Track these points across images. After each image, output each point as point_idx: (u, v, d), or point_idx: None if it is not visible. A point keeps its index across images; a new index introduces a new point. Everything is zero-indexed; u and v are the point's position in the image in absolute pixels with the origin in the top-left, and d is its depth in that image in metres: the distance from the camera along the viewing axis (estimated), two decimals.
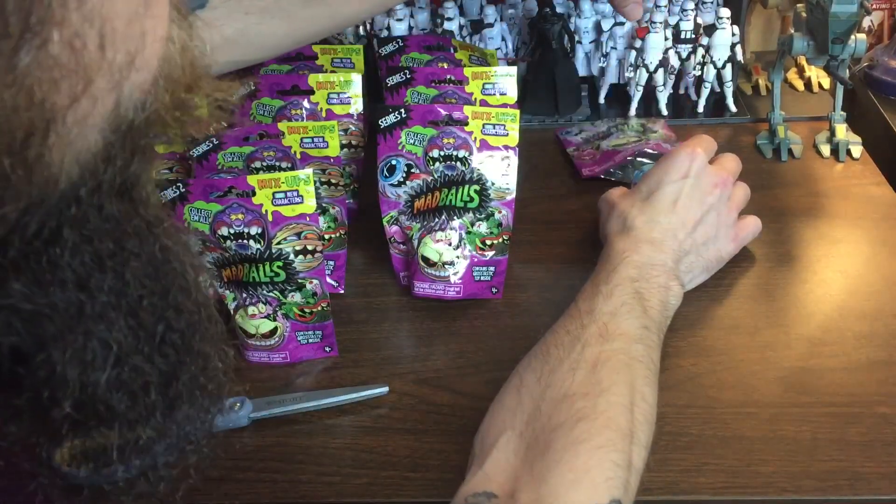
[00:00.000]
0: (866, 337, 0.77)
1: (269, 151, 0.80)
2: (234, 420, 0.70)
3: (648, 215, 0.77)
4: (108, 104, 0.31)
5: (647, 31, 1.08)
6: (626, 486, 0.56)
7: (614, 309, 0.68)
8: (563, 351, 0.64)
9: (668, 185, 0.78)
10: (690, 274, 0.79)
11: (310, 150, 0.81)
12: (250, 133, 0.81)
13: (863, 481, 0.64)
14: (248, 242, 0.73)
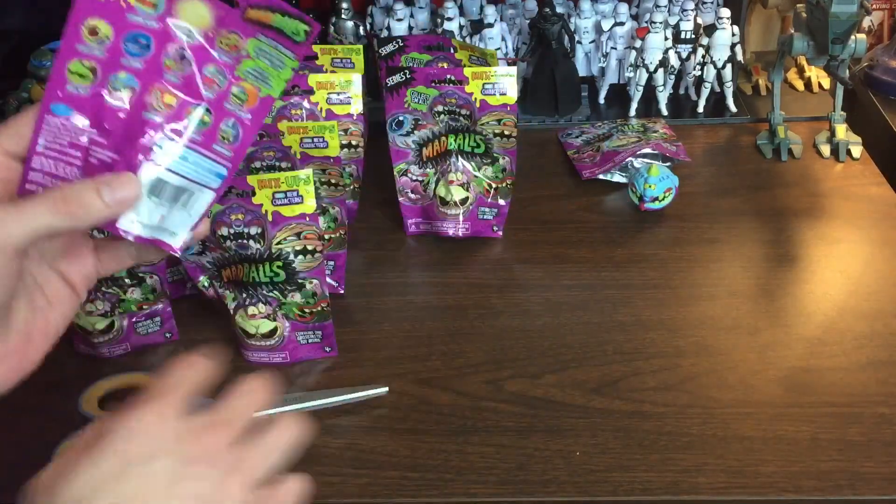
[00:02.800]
0: (866, 337, 0.77)
1: (269, 151, 0.80)
2: None
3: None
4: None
5: (647, 31, 1.08)
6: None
7: None
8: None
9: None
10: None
11: (310, 150, 0.81)
12: None
13: (863, 481, 0.64)
14: (248, 242, 0.73)
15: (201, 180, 0.49)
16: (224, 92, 0.49)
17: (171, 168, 0.49)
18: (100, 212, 0.45)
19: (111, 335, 0.78)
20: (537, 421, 0.71)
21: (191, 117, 0.49)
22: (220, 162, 0.50)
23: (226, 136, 0.49)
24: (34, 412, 0.74)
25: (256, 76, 0.50)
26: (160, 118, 0.48)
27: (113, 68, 0.48)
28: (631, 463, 0.67)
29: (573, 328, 0.80)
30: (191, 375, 0.46)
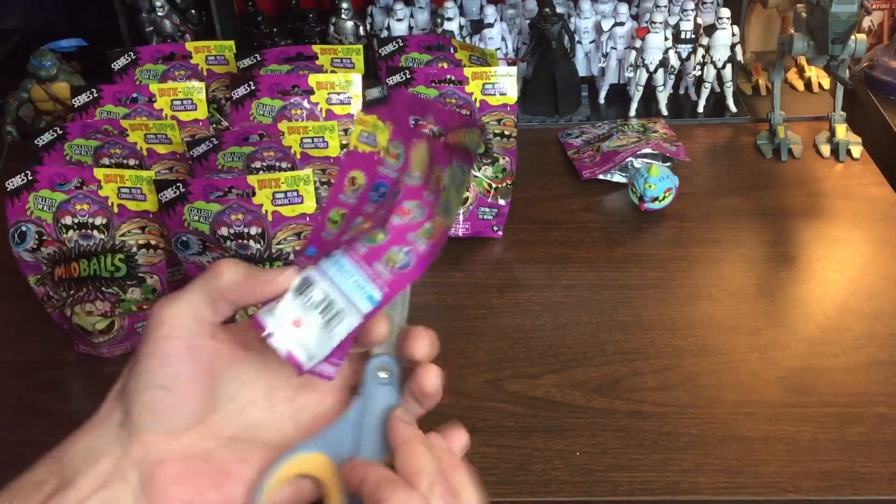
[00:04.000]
0: (866, 337, 0.77)
1: (269, 151, 0.79)
2: None
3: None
4: None
5: (647, 31, 1.08)
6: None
7: None
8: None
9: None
10: None
11: (310, 150, 0.81)
12: (250, 133, 0.81)
13: (863, 481, 0.64)
14: (248, 242, 0.73)
15: (350, 296, 0.44)
16: (413, 224, 0.45)
17: (323, 267, 0.44)
18: (235, 280, 0.44)
19: (111, 335, 0.78)
20: (537, 421, 0.71)
21: (369, 236, 0.45)
22: (376, 283, 0.44)
23: (393, 259, 0.45)
24: (34, 412, 0.74)
25: (445, 209, 0.46)
26: (347, 237, 0.46)
27: (356, 214, 0.47)
28: (631, 463, 0.67)
29: (573, 328, 0.80)
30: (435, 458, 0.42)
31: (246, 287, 0.44)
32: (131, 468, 0.42)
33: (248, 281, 0.44)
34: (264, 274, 0.44)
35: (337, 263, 0.44)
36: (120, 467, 0.42)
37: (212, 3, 1.13)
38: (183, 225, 0.73)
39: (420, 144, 0.47)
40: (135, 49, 0.94)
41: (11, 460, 0.70)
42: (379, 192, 0.47)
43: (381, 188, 0.47)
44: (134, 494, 0.42)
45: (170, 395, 0.43)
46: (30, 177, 0.74)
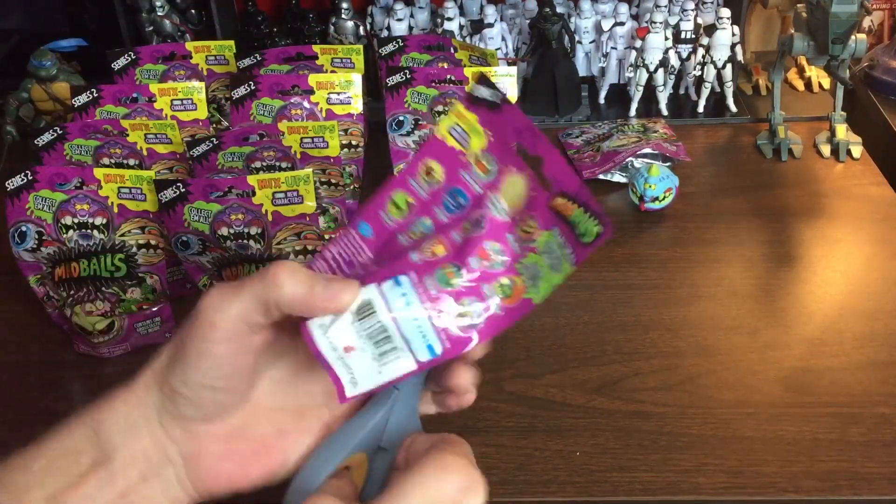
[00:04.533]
0: (866, 337, 0.77)
1: (269, 151, 0.79)
2: None
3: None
4: None
5: (647, 31, 1.08)
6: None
7: None
8: None
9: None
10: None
11: (310, 150, 0.81)
12: (250, 133, 0.81)
13: (863, 482, 0.64)
14: (248, 242, 0.73)
15: (410, 339, 0.42)
16: (491, 274, 0.43)
17: (388, 294, 0.42)
18: (294, 294, 0.41)
19: (111, 335, 0.78)
20: (537, 421, 0.71)
21: (442, 272, 0.42)
22: (440, 336, 0.42)
23: (465, 313, 0.43)
24: (34, 412, 0.74)
25: (531, 274, 0.45)
26: (417, 258, 0.43)
27: (425, 212, 0.45)
28: (631, 463, 0.67)
29: (573, 328, 0.80)
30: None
31: (305, 302, 0.41)
32: (172, 446, 0.43)
33: (308, 296, 0.41)
34: (325, 290, 0.41)
35: (404, 296, 0.41)
36: (162, 445, 0.42)
37: (212, 3, 1.13)
38: (183, 225, 0.73)
39: (520, 177, 0.44)
40: (135, 49, 0.94)
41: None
42: (456, 201, 0.45)
43: (461, 198, 0.45)
44: (177, 473, 0.43)
45: (217, 393, 0.43)
46: (30, 177, 0.74)
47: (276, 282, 0.41)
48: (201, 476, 0.43)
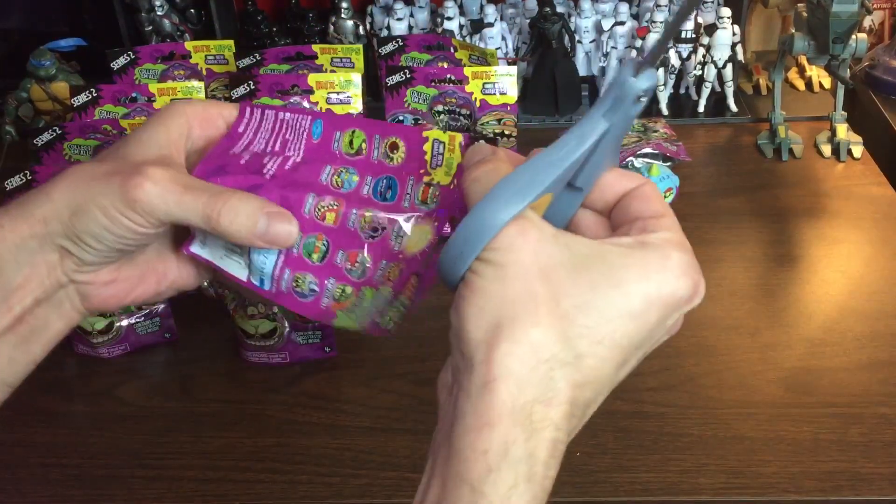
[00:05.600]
0: (867, 337, 0.77)
1: None
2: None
3: (598, 319, 0.36)
4: None
5: (647, 30, 1.08)
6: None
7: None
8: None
9: (662, 296, 0.38)
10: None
11: None
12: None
13: (864, 482, 0.64)
14: None
15: (253, 265, 0.45)
16: (344, 276, 0.46)
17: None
18: (244, 239, 0.43)
19: (110, 335, 0.77)
20: None
21: (312, 242, 0.45)
22: (272, 281, 0.46)
23: (300, 284, 0.46)
24: (34, 412, 0.74)
25: (357, 303, 0.46)
26: (311, 207, 0.45)
27: (362, 169, 0.46)
28: (631, 463, 0.66)
29: None
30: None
31: (246, 241, 0.44)
32: (65, 275, 0.44)
33: (250, 239, 0.43)
34: (265, 237, 0.43)
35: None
36: (55, 273, 0.44)
37: (211, 3, 1.13)
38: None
39: (432, 237, 0.46)
40: (134, 49, 0.94)
41: (12, 460, 0.70)
42: (386, 191, 0.46)
43: (391, 192, 0.46)
44: (69, 295, 0.45)
45: (124, 251, 0.44)
46: (29, 176, 0.74)
47: (226, 221, 0.42)
48: (91, 298, 0.45)
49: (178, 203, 0.42)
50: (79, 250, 0.43)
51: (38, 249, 0.43)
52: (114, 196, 0.42)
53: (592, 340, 0.35)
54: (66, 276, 0.44)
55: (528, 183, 0.36)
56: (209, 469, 0.68)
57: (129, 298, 0.47)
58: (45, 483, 0.68)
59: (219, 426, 0.72)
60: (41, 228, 0.43)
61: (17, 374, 0.46)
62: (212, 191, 0.43)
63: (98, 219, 0.42)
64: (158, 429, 0.72)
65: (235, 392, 0.75)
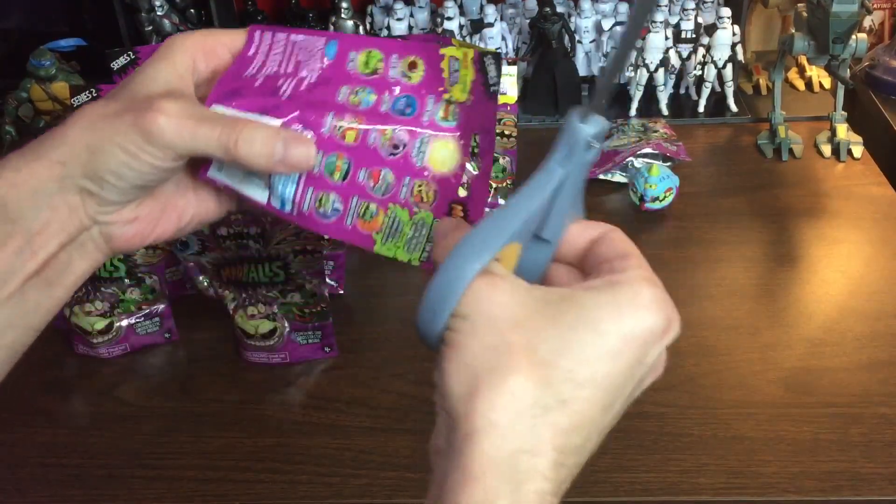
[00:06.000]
0: (867, 337, 0.77)
1: None
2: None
3: (572, 361, 0.35)
4: None
5: (647, 30, 1.08)
6: None
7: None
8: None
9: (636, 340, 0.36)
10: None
11: None
12: None
13: (864, 482, 0.64)
14: (248, 242, 0.72)
15: (274, 188, 0.46)
16: (368, 194, 0.46)
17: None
18: (262, 166, 0.43)
19: (110, 335, 0.77)
20: None
21: (334, 160, 0.45)
22: (294, 203, 0.46)
23: (323, 203, 0.46)
24: (34, 412, 0.74)
25: (393, 224, 0.46)
26: (330, 126, 0.45)
27: (379, 87, 0.46)
28: (631, 463, 0.66)
29: None
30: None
31: (265, 168, 0.44)
32: (87, 216, 0.44)
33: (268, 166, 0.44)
34: (284, 164, 0.44)
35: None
36: (77, 214, 0.44)
37: (211, 3, 1.13)
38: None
39: (458, 153, 0.45)
40: (134, 48, 0.93)
41: (12, 460, 0.70)
42: (406, 107, 0.46)
43: (410, 109, 0.46)
44: (92, 237, 0.45)
45: (145, 187, 0.44)
46: None
47: (243, 149, 0.43)
48: (115, 238, 0.45)
49: (194, 136, 0.42)
50: (99, 190, 0.43)
51: (58, 192, 0.43)
52: (130, 132, 0.42)
53: (574, 384, 0.35)
54: (88, 218, 0.44)
55: (490, 235, 0.37)
56: (209, 469, 0.68)
57: (153, 236, 0.47)
58: (45, 483, 0.68)
59: (219, 426, 0.72)
60: (59, 170, 0.43)
61: (42, 318, 0.45)
62: (226, 121, 0.43)
63: (117, 156, 0.42)
64: (158, 429, 0.72)
65: (235, 392, 0.75)
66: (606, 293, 0.36)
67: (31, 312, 0.45)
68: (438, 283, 0.35)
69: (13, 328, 0.44)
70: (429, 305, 0.35)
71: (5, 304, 0.43)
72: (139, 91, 0.44)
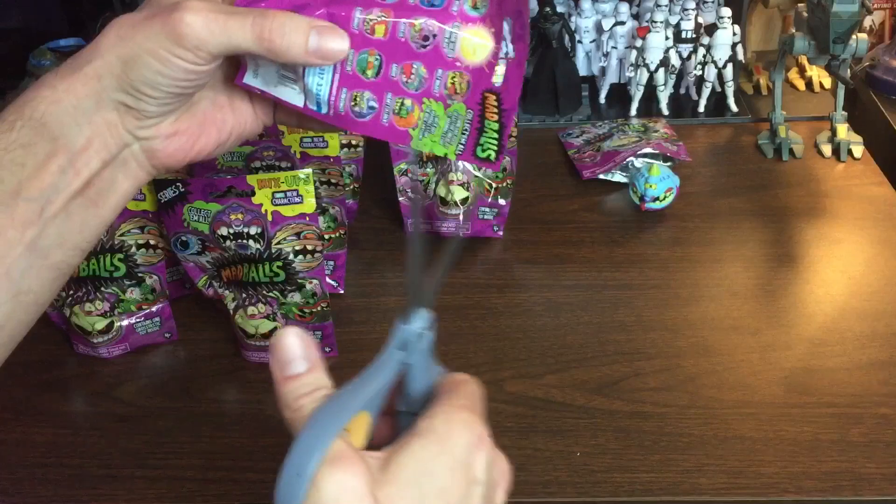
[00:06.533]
0: (867, 337, 0.77)
1: (269, 151, 0.79)
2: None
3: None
4: None
5: (647, 30, 1.08)
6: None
7: None
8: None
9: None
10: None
11: (310, 150, 0.81)
12: None
13: (864, 482, 0.64)
14: (248, 242, 0.72)
15: (309, 90, 0.46)
16: (401, 89, 0.46)
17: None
18: (297, 56, 0.43)
19: (110, 335, 0.77)
20: (538, 421, 0.70)
21: (365, 57, 0.45)
22: (329, 103, 0.46)
23: (358, 102, 0.46)
24: (34, 412, 0.74)
25: (429, 118, 0.46)
26: (359, 21, 0.45)
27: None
28: (632, 464, 0.66)
29: (574, 328, 0.80)
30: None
31: (300, 59, 0.44)
32: (127, 132, 0.44)
33: (302, 56, 0.44)
34: (318, 55, 0.44)
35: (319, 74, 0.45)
36: (117, 130, 0.44)
37: None
38: (182, 225, 0.73)
39: (489, 42, 0.45)
40: None
41: (12, 460, 0.70)
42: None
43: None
44: (134, 154, 0.45)
45: (180, 96, 0.45)
46: None
47: (281, 43, 0.42)
48: (157, 154, 0.45)
49: (225, 30, 0.42)
50: (136, 102, 0.43)
51: (96, 108, 0.43)
52: (160, 37, 0.41)
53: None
54: (129, 134, 0.44)
55: (339, 410, 0.38)
56: (209, 469, 0.68)
57: (194, 151, 0.47)
58: (45, 483, 0.68)
59: (219, 426, 0.72)
60: (95, 85, 0.43)
61: (89, 239, 0.46)
62: (256, 12, 0.42)
63: (150, 64, 0.42)
64: (158, 429, 0.72)
65: (235, 392, 0.75)
66: (426, 434, 0.38)
67: (77, 232, 0.44)
68: (289, 471, 0.36)
69: (60, 248, 0.44)
70: (282, 495, 0.36)
71: (51, 222, 0.43)
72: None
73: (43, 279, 0.44)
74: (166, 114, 0.45)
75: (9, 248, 0.42)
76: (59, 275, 0.45)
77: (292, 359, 0.39)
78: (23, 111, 0.43)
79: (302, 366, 0.39)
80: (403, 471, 0.37)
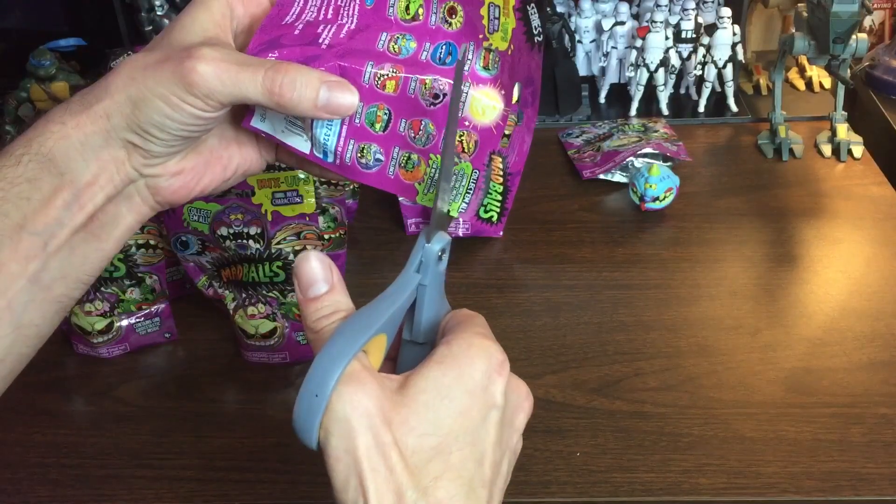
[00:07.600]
0: (867, 337, 0.77)
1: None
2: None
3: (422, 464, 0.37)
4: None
5: (647, 30, 1.08)
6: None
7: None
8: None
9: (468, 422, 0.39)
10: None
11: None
12: None
13: (864, 482, 0.64)
14: (248, 242, 0.72)
15: (317, 140, 0.46)
16: (409, 144, 0.46)
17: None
18: (307, 111, 0.43)
19: (110, 335, 0.77)
20: (538, 421, 0.70)
21: (374, 111, 0.45)
22: (336, 153, 0.46)
23: (365, 154, 0.46)
24: (34, 412, 0.74)
25: (434, 175, 0.46)
26: (370, 75, 0.45)
27: (420, 34, 0.46)
28: (632, 464, 0.66)
29: (574, 328, 0.80)
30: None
31: (309, 113, 0.45)
32: (133, 169, 0.44)
33: (313, 111, 0.44)
34: (327, 108, 0.44)
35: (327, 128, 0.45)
36: (123, 167, 0.44)
37: None
38: (182, 225, 0.73)
39: (499, 105, 0.45)
40: (134, 48, 0.94)
41: (12, 460, 0.70)
42: (445, 55, 0.45)
43: (450, 57, 0.46)
44: (138, 189, 0.45)
45: (188, 138, 0.45)
46: None
47: (292, 96, 0.43)
48: (161, 191, 0.46)
49: (236, 81, 0.42)
50: (144, 142, 0.43)
51: (104, 145, 0.43)
52: (171, 83, 0.42)
53: (443, 457, 0.37)
54: (135, 171, 0.44)
55: (357, 331, 0.39)
56: (209, 469, 0.68)
57: (199, 188, 0.47)
58: (45, 483, 0.68)
59: (219, 426, 0.72)
60: (104, 123, 0.43)
61: (90, 272, 0.46)
62: (268, 65, 0.43)
63: (159, 108, 0.42)
64: (158, 429, 0.72)
65: (235, 392, 0.75)
66: (446, 360, 0.39)
67: (79, 265, 0.45)
68: (307, 390, 0.37)
69: (62, 281, 0.44)
70: (301, 414, 0.37)
71: (54, 256, 0.43)
72: (178, 40, 0.44)
73: (44, 312, 0.44)
74: (173, 154, 0.45)
75: (11, 282, 0.42)
76: (60, 308, 0.45)
77: (314, 281, 0.41)
78: (30, 146, 0.43)
79: (323, 287, 0.40)
80: (421, 394, 0.37)
